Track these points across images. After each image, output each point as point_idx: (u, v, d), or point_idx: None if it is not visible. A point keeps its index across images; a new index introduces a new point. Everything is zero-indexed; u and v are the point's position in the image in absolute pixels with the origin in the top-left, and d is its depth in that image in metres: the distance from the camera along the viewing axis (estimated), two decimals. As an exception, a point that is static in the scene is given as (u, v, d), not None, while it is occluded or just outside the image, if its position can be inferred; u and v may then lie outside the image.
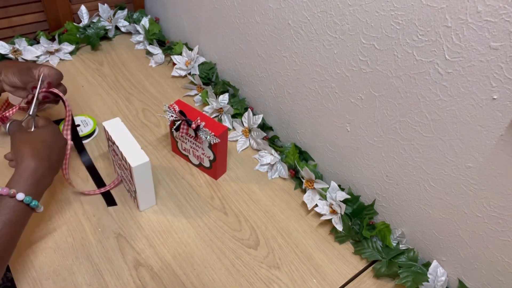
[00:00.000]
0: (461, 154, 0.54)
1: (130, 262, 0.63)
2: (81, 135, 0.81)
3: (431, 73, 0.53)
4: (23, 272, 0.60)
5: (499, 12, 0.44)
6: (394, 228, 0.69)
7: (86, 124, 0.84)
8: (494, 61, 0.46)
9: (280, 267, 0.65)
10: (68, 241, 0.65)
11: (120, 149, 0.63)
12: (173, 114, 0.73)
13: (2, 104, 0.82)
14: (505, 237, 0.53)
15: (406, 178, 0.64)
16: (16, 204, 0.53)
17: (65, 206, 0.70)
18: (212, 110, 0.90)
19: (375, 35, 0.58)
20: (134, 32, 1.16)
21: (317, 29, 0.66)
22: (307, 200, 0.74)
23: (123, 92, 0.96)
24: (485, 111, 0.49)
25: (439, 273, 0.63)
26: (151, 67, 1.06)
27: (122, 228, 0.68)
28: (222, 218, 0.72)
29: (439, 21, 0.49)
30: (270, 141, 0.87)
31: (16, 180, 0.55)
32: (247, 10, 0.80)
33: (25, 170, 0.56)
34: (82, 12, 1.07)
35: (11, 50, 0.97)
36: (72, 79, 0.98)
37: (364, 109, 0.65)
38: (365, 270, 0.67)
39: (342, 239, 0.70)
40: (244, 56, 0.88)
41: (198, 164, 0.79)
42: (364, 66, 0.61)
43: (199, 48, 1.04)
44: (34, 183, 0.55)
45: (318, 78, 0.71)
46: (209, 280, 0.62)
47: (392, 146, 0.63)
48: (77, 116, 0.86)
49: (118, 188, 0.74)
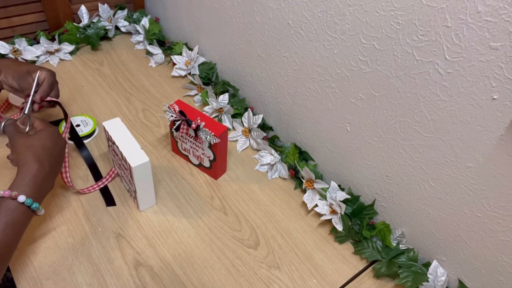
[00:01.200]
0: (461, 154, 0.54)
1: (130, 262, 0.63)
2: (81, 135, 0.81)
3: (431, 73, 0.53)
4: (23, 272, 0.60)
5: (499, 12, 0.44)
6: (394, 228, 0.69)
7: (86, 124, 0.84)
8: (494, 61, 0.46)
9: (280, 267, 0.65)
10: (68, 241, 0.65)
11: (120, 149, 0.63)
12: (173, 114, 0.73)
13: (2, 104, 0.82)
14: (505, 237, 0.53)
15: (406, 178, 0.64)
16: (17, 206, 0.54)
17: (65, 206, 0.70)
18: (212, 110, 0.90)
19: (375, 35, 0.58)
20: (134, 32, 1.16)
21: (317, 29, 0.66)
22: (307, 200, 0.74)
23: (123, 92, 0.96)
24: (485, 111, 0.49)
25: (439, 273, 0.63)
26: (151, 67, 1.06)
27: (122, 228, 0.68)
28: (222, 218, 0.72)
29: (439, 21, 0.49)
30: (270, 141, 0.87)
31: (18, 183, 0.56)
32: (247, 10, 0.80)
33: (27, 174, 0.57)
34: (82, 12, 1.07)
35: (11, 50, 0.97)
36: (72, 79, 0.98)
37: (364, 109, 0.65)
38: (365, 270, 0.67)
39: (342, 239, 0.70)
40: (244, 56, 0.88)
41: (198, 164, 0.79)
42: (364, 66, 0.61)
43: (199, 48, 1.04)
44: (35, 186, 0.57)
45: (318, 78, 0.71)
46: (209, 280, 0.62)
47: (392, 146, 0.63)
48: (77, 116, 0.86)
49: (118, 188, 0.74)
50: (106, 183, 0.74)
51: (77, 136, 0.78)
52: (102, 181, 0.73)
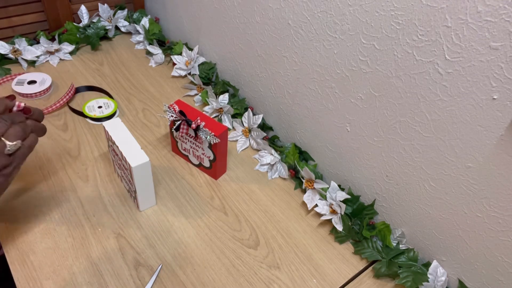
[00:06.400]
0: (461, 154, 0.54)
1: (130, 262, 0.63)
2: (102, 116, 0.88)
3: (431, 73, 0.53)
4: (23, 272, 0.60)
5: (499, 12, 0.44)
6: (394, 228, 0.69)
7: (107, 106, 0.91)
8: (494, 61, 0.46)
9: (280, 267, 0.65)
10: (68, 241, 0.65)
11: (120, 149, 0.63)
12: (173, 114, 0.73)
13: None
14: (505, 237, 0.53)
15: (406, 178, 0.64)
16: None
17: (65, 206, 0.70)
18: (212, 110, 0.90)
19: (375, 35, 0.58)
20: (134, 32, 1.16)
21: (317, 29, 0.66)
22: (307, 200, 0.74)
23: (123, 92, 0.96)
24: (485, 111, 0.49)
25: (439, 273, 0.63)
26: (151, 67, 1.06)
27: (122, 228, 0.68)
28: (222, 218, 0.72)
29: (439, 21, 0.49)
30: (270, 141, 0.87)
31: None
32: (247, 10, 0.80)
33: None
34: (82, 12, 1.07)
35: (11, 50, 0.97)
36: (72, 79, 0.98)
37: (364, 109, 0.65)
38: (365, 270, 0.67)
39: (342, 239, 0.70)
40: (244, 56, 0.88)
41: (198, 164, 0.79)
42: (364, 66, 0.61)
43: (199, 48, 1.04)
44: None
45: (318, 78, 0.71)
46: (209, 280, 0.62)
47: (392, 146, 0.63)
48: (100, 98, 0.93)
49: (118, 188, 0.74)
50: (65, 101, 0.86)
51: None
52: (63, 99, 0.86)
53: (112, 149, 0.70)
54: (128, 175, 0.66)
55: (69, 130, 0.84)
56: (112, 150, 0.70)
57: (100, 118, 0.87)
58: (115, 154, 0.69)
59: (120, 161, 0.67)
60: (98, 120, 0.87)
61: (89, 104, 0.90)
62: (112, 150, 0.70)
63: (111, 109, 0.90)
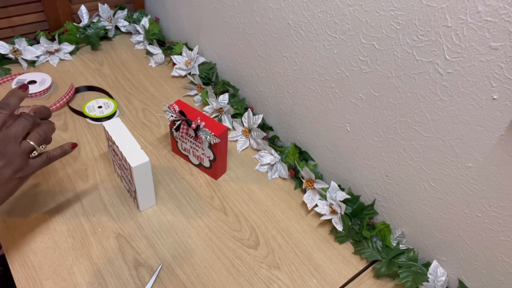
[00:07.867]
0: (461, 154, 0.54)
1: (130, 262, 0.63)
2: (102, 116, 0.88)
3: (431, 73, 0.53)
4: (23, 272, 0.60)
5: (499, 12, 0.44)
6: (394, 228, 0.69)
7: (107, 106, 0.91)
8: (494, 61, 0.46)
9: (280, 267, 0.65)
10: (68, 241, 0.65)
11: (120, 149, 0.63)
12: (173, 114, 0.73)
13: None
14: (505, 237, 0.53)
15: (406, 178, 0.64)
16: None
17: (65, 206, 0.70)
18: (212, 110, 0.90)
19: (375, 35, 0.58)
20: (134, 32, 1.16)
21: (317, 29, 0.66)
22: (307, 200, 0.74)
23: (123, 92, 0.96)
24: (485, 111, 0.49)
25: (439, 273, 0.63)
26: (151, 67, 1.06)
27: (122, 228, 0.68)
28: (222, 218, 0.72)
29: (439, 21, 0.49)
30: (270, 141, 0.87)
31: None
32: (247, 10, 0.80)
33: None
34: (82, 12, 1.07)
35: (11, 50, 0.97)
36: (72, 79, 0.98)
37: (364, 109, 0.65)
38: (365, 270, 0.67)
39: (342, 239, 0.70)
40: (244, 56, 0.88)
41: (198, 164, 0.79)
42: (364, 66, 0.61)
43: (199, 48, 1.04)
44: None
45: (318, 78, 0.71)
46: (209, 280, 0.62)
47: (392, 146, 0.63)
48: (100, 98, 0.92)
49: (117, 188, 0.74)
50: (65, 101, 0.87)
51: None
52: (63, 99, 0.87)
53: (112, 149, 0.70)
54: (128, 175, 0.66)
55: (69, 130, 0.84)
56: (112, 150, 0.70)
57: (100, 118, 0.87)
58: (115, 154, 0.69)
59: (120, 161, 0.67)
60: (98, 120, 0.87)
61: (89, 104, 0.90)
62: (112, 150, 0.70)
63: (111, 109, 0.90)
